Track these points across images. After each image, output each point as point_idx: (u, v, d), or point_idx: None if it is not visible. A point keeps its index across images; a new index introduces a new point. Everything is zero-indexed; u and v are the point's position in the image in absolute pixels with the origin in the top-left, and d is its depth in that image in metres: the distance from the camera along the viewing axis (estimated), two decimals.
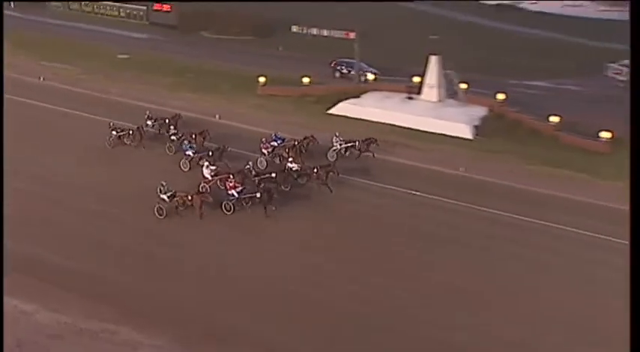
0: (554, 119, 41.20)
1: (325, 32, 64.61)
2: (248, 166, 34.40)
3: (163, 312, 24.66)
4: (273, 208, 31.11)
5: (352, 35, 53.46)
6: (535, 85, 51.23)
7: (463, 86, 45.51)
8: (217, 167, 33.92)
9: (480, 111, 43.82)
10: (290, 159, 34.84)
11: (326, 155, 37.19)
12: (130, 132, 38.65)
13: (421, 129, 41.71)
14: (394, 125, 42.40)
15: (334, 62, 52.63)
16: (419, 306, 25.21)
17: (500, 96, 44.46)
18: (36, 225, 29.81)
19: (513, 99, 44.68)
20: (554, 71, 53.19)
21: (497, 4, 77.80)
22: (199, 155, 35.91)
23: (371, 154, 37.47)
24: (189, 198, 30.95)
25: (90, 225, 30.44)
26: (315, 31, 65.40)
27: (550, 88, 50.91)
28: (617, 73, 52.02)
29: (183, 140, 37.31)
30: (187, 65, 54.46)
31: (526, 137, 40.89)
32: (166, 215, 30.86)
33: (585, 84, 51.46)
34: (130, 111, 43.10)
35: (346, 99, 45.81)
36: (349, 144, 37.87)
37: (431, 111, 43.54)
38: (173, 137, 38.44)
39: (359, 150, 37.77)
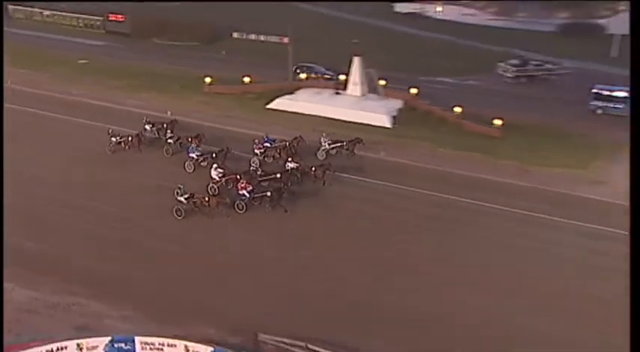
0: (457, 109, 41.80)
1: (262, 37, 64.06)
2: (253, 167, 33.10)
3: (134, 291, 24.01)
4: (286, 211, 29.77)
5: (286, 40, 53.13)
6: (441, 80, 51.97)
7: (382, 82, 45.89)
8: (225, 168, 32.21)
9: (396, 104, 44.10)
10: (289, 159, 33.30)
11: (315, 154, 35.78)
12: (130, 138, 36.56)
13: (347, 120, 41.71)
14: (324, 117, 42.33)
15: (296, 67, 50.34)
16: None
17: (414, 91, 44.86)
18: (24, 219, 28.22)
19: (424, 93, 45.08)
20: (456, 69, 54.05)
21: (408, 13, 78.66)
22: (203, 157, 34.15)
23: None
24: (207, 199, 29.30)
25: (82, 220, 29.01)
26: (253, 36, 64.75)
27: (454, 84, 51.80)
28: (505, 71, 53.13)
29: (188, 144, 35.24)
30: (141, 69, 53.10)
31: (436, 125, 41.38)
32: (184, 216, 29.13)
33: (481, 80, 52.48)
34: (94, 111, 42.02)
35: (282, 95, 45.54)
36: (337, 144, 36.41)
37: (355, 104, 43.67)
38: (170, 140, 36.66)
39: (347, 149, 36.40)
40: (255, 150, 35.32)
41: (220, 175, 31.71)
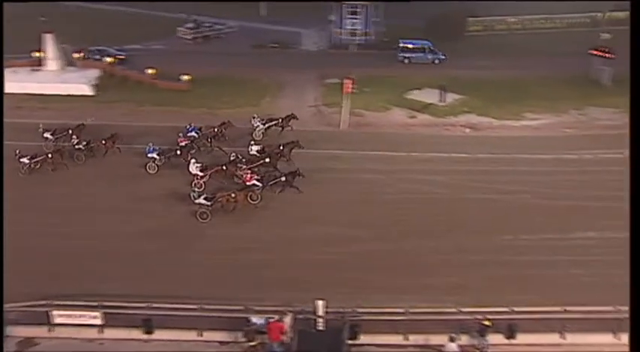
0: (150, 71, 39.72)
1: None
2: (233, 156, 26.35)
3: None
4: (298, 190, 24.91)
5: None
6: (132, 48, 47.90)
7: (77, 55, 41.24)
8: (202, 163, 25.63)
9: (95, 73, 40.11)
10: (252, 143, 27.58)
11: (251, 135, 29.90)
12: (48, 155, 26.95)
13: (51, 93, 36.76)
14: (28, 94, 36.56)
15: (86, 50, 42.01)
16: None
17: (109, 60, 41.42)
18: None
19: (119, 60, 41.79)
20: (143, 36, 50.63)
21: None
22: (166, 156, 26.97)
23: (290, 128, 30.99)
24: (234, 196, 23.42)
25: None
26: None
27: (144, 49, 48.40)
28: (184, 34, 51.83)
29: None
30: None
31: (134, 87, 38.78)
32: (211, 217, 23.26)
33: (166, 43, 50.27)
34: None
35: None
36: (272, 123, 30.77)
37: (56, 78, 38.73)
38: (79, 146, 27.75)
39: (281, 126, 30.99)
40: (182, 143, 28.16)
41: (200, 169, 25.52)
